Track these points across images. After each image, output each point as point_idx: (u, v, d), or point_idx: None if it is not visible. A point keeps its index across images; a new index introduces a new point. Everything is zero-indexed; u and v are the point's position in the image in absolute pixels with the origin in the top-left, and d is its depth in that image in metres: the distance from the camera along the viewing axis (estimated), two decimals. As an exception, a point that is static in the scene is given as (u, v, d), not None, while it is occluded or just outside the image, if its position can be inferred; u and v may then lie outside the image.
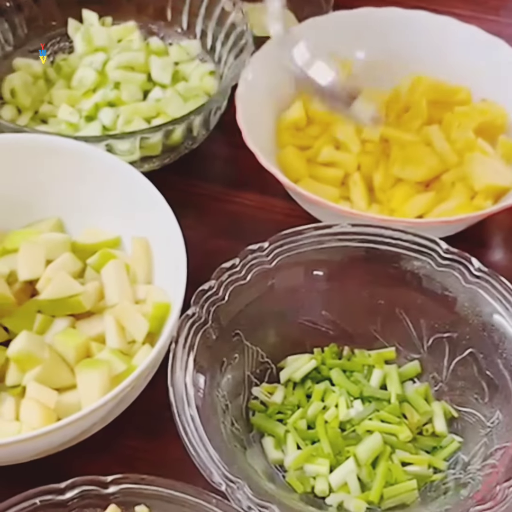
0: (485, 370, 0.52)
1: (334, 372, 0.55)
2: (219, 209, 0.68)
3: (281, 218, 0.66)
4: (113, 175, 0.56)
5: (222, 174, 0.69)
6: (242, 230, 0.66)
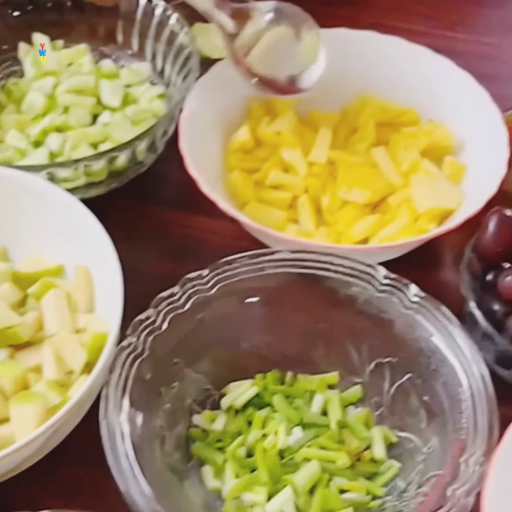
0: (423, 396, 0.52)
1: (276, 398, 0.55)
2: (168, 232, 0.68)
3: (230, 241, 0.66)
4: (51, 203, 0.56)
5: (172, 196, 0.69)
6: (191, 254, 0.66)
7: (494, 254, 0.56)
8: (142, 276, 0.66)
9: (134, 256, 0.67)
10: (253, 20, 0.65)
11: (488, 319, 0.54)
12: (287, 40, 0.65)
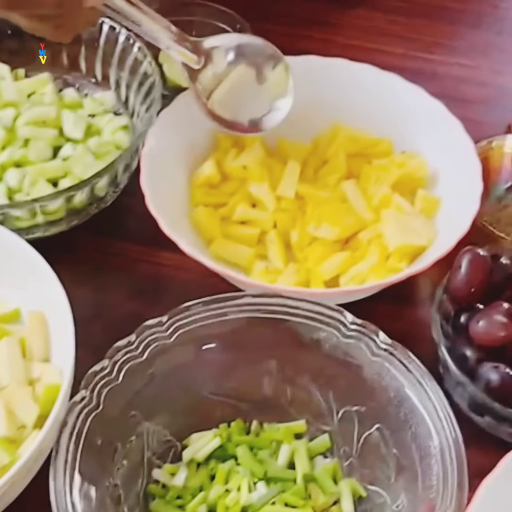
0: (392, 448, 0.50)
1: (240, 449, 0.52)
2: (133, 269, 0.65)
3: (198, 278, 0.63)
4: (3, 247, 0.54)
5: (137, 231, 0.67)
6: (157, 293, 0.64)
7: (467, 295, 0.54)
8: (105, 316, 0.64)
9: (97, 295, 0.66)
10: (213, 60, 0.63)
11: (460, 366, 0.52)
12: (250, 80, 0.63)
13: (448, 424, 0.47)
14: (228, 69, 0.63)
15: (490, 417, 0.53)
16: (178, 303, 0.53)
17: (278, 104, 0.63)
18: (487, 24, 0.87)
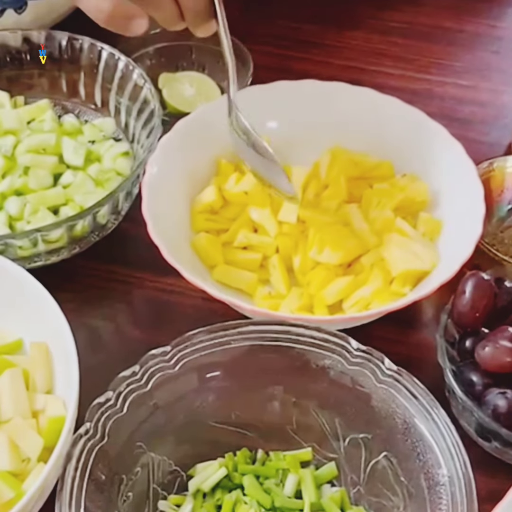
0: (400, 476, 0.50)
1: (246, 479, 0.52)
2: (136, 295, 0.65)
3: (202, 303, 0.63)
4: (5, 277, 0.54)
5: (140, 258, 0.66)
6: (161, 319, 0.64)
7: (471, 320, 0.54)
8: (109, 344, 0.64)
9: (100, 323, 0.66)
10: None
11: (467, 392, 0.51)
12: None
13: (457, 452, 0.47)
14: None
15: (498, 442, 0.52)
16: (181, 329, 0.53)
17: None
18: (484, 44, 0.87)
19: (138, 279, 0.66)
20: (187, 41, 0.77)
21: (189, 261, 0.61)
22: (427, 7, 0.90)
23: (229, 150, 0.66)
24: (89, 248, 0.65)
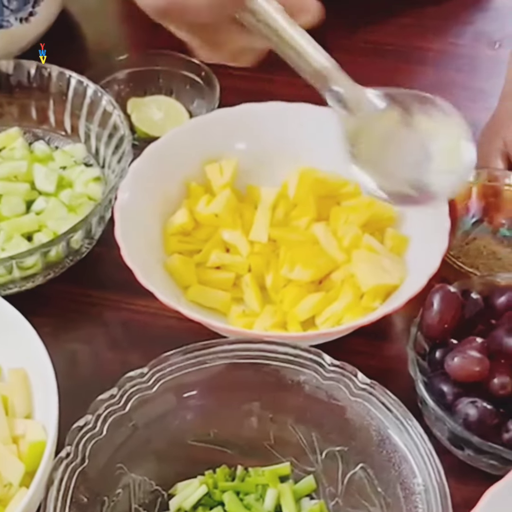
0: (376, 486, 0.51)
1: (227, 496, 0.53)
2: (113, 318, 0.66)
3: (177, 324, 0.64)
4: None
5: (114, 281, 0.67)
6: (136, 341, 0.64)
7: (440, 332, 0.55)
8: (86, 368, 0.65)
9: (77, 346, 0.66)
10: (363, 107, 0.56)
11: (438, 402, 0.53)
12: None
13: (431, 462, 0.48)
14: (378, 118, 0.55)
15: (470, 450, 0.54)
16: (157, 350, 0.54)
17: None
18: (444, 62, 0.90)
19: (113, 301, 0.67)
20: (154, 66, 0.79)
21: (162, 283, 0.62)
22: (392, 27, 0.93)
23: (199, 172, 0.67)
24: (63, 273, 0.66)
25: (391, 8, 0.93)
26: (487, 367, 0.52)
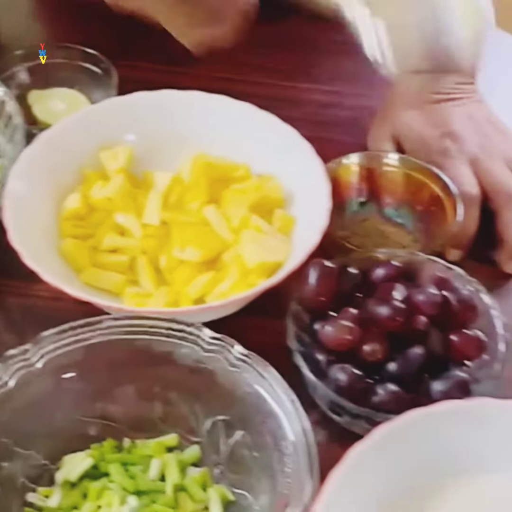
0: (253, 451, 0.53)
1: (113, 467, 0.55)
2: (9, 302, 0.67)
3: (73, 306, 0.66)
4: None
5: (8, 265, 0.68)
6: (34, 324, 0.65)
7: (317, 304, 0.58)
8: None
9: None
10: None
11: (314, 371, 0.55)
12: None
13: (301, 424, 0.50)
14: None
15: (346, 416, 0.56)
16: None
17: None
18: (345, 52, 0.93)
19: (9, 287, 0.68)
20: (57, 59, 0.80)
21: (57, 267, 0.64)
22: (290, 19, 0.95)
23: (94, 159, 0.69)
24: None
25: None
26: (358, 336, 0.55)
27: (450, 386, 0.55)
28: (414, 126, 0.74)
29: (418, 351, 0.55)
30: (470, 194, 0.69)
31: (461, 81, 0.78)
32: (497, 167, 0.71)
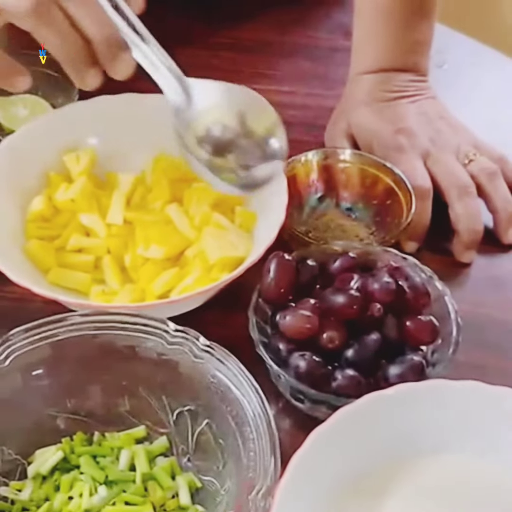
0: (218, 439, 0.55)
1: (83, 459, 0.56)
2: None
3: (41, 306, 0.67)
4: None
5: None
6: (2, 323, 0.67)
7: (277, 296, 0.60)
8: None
9: None
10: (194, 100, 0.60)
11: (275, 359, 0.58)
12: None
13: (262, 410, 0.52)
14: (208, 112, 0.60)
15: (309, 402, 0.58)
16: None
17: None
18: (302, 53, 0.95)
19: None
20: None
21: (24, 268, 0.65)
22: (250, 23, 0.98)
23: (59, 163, 0.71)
24: None
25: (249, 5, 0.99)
26: (317, 324, 0.57)
27: (406, 369, 0.57)
28: (368, 123, 0.77)
29: (374, 337, 0.57)
30: (422, 188, 0.71)
31: (414, 79, 0.81)
32: (449, 161, 0.74)
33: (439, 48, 0.87)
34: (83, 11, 0.55)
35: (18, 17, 0.55)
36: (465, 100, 0.88)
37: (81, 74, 0.59)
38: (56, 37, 0.56)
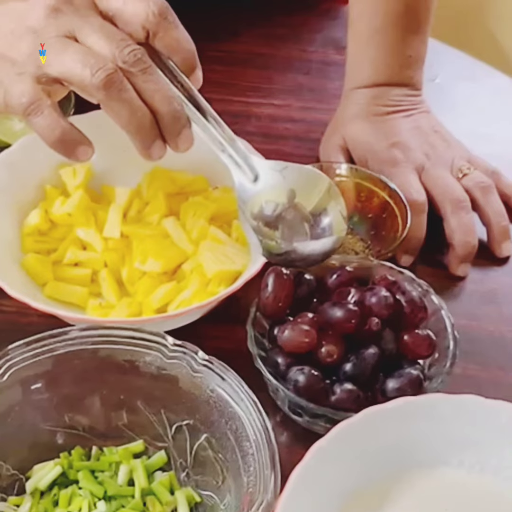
0: (218, 453, 0.55)
1: (81, 474, 0.56)
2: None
3: (38, 320, 0.67)
4: None
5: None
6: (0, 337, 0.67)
7: (275, 310, 0.60)
8: None
9: None
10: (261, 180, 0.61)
11: (274, 373, 0.58)
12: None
13: (262, 424, 0.52)
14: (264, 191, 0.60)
15: (307, 416, 0.59)
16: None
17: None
18: (296, 67, 0.96)
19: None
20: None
21: (21, 282, 0.65)
22: (243, 37, 0.99)
23: (55, 176, 0.71)
24: None
25: (243, 19, 1.00)
26: (315, 338, 0.57)
27: (404, 383, 0.57)
28: (363, 137, 0.77)
29: (372, 351, 0.58)
30: (417, 201, 0.72)
31: (408, 93, 0.81)
32: (443, 174, 0.75)
33: (431, 62, 0.88)
34: (152, 86, 0.56)
35: (90, 92, 0.56)
36: (457, 114, 0.89)
37: (148, 146, 0.59)
38: (127, 111, 0.56)
